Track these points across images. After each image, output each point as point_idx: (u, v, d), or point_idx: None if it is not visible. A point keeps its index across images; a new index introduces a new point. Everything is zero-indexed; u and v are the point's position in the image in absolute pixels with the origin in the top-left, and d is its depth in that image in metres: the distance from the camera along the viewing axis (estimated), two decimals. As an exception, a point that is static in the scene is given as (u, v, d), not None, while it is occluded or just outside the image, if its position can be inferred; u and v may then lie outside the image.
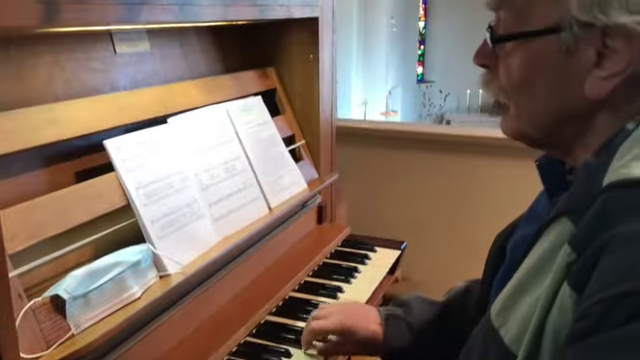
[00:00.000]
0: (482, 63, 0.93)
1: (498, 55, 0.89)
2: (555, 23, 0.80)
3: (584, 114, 0.84)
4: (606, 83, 0.79)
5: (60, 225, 1.16)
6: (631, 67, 0.77)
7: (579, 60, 0.80)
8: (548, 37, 0.81)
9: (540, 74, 0.84)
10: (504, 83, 0.89)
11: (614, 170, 0.74)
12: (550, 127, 0.88)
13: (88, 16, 1.08)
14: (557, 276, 0.74)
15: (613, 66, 0.78)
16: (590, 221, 0.72)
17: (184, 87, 1.63)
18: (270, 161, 1.81)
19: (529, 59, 0.85)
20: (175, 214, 1.41)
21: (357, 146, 3.44)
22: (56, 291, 1.10)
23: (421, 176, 3.34)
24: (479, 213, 3.30)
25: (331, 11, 2.06)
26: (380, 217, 3.40)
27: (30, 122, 1.17)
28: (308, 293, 1.72)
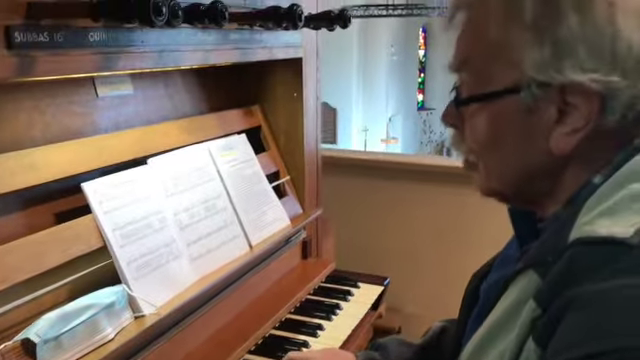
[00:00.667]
0: (450, 124, 0.95)
1: (464, 116, 0.91)
2: (514, 84, 0.82)
3: (552, 170, 0.85)
4: (569, 138, 0.81)
5: (35, 268, 1.18)
6: (592, 122, 0.79)
7: (541, 118, 0.82)
8: (509, 97, 0.83)
9: (505, 133, 0.86)
10: (471, 143, 0.91)
11: (579, 226, 0.76)
12: (519, 184, 0.90)
13: (64, 67, 1.12)
14: (522, 331, 0.76)
15: (574, 122, 0.80)
16: (555, 277, 0.74)
17: (166, 128, 1.67)
18: (253, 198, 1.84)
19: (493, 119, 0.86)
20: (152, 254, 1.43)
21: (347, 177, 3.46)
22: (27, 334, 1.12)
23: (412, 207, 3.36)
24: (471, 244, 3.30)
25: (315, 51, 2.11)
26: (371, 248, 3.41)
27: (8, 167, 1.20)
28: (288, 331, 1.73)
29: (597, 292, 0.67)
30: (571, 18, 0.76)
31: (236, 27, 1.60)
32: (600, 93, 0.77)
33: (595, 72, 0.76)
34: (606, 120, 0.78)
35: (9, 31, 1.00)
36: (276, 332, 1.73)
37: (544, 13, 0.78)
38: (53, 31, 1.08)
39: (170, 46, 1.38)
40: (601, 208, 0.75)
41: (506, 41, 0.81)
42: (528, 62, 0.79)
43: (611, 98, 0.77)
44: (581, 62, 0.76)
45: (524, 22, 0.79)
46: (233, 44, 1.61)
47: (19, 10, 1.02)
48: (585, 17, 0.76)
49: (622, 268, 0.68)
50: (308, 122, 2.10)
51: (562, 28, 0.77)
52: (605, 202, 0.76)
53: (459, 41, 0.89)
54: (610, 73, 0.76)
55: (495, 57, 0.83)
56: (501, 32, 0.81)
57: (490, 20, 0.83)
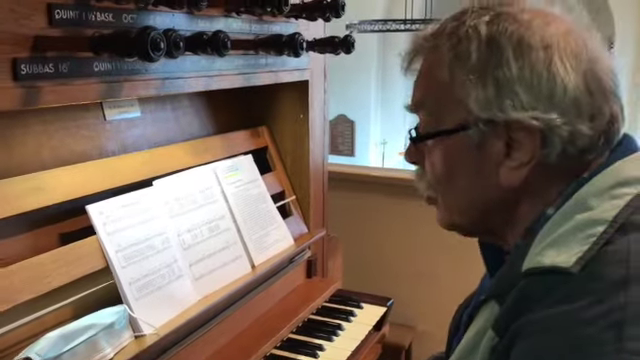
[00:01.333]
0: (412, 161, 1.03)
1: (423, 153, 0.98)
2: (463, 122, 0.89)
3: (505, 202, 0.92)
4: (517, 172, 0.88)
5: (38, 289, 1.23)
6: (536, 157, 0.86)
7: (490, 153, 0.89)
8: (459, 134, 0.90)
9: (458, 168, 0.94)
10: (430, 178, 0.98)
11: (530, 257, 0.82)
12: (476, 216, 0.96)
13: (69, 96, 1.16)
14: (482, 358, 0.82)
15: (521, 156, 0.87)
16: (509, 306, 0.81)
17: (172, 150, 1.71)
18: (257, 218, 1.87)
19: (446, 155, 0.94)
20: (154, 275, 1.47)
21: (359, 192, 3.49)
22: (28, 354, 1.16)
23: (424, 224, 3.36)
24: (482, 262, 3.30)
25: (322, 73, 2.14)
26: (382, 266, 3.42)
27: (15, 191, 1.25)
28: (289, 351, 1.76)
29: (537, 321, 0.74)
30: (511, 63, 0.84)
31: (241, 52, 1.64)
32: (540, 129, 0.84)
33: (534, 110, 0.83)
34: (549, 155, 0.86)
35: (15, 63, 1.05)
36: (277, 352, 1.75)
37: (487, 59, 0.86)
38: (58, 62, 1.12)
39: (174, 73, 1.42)
40: (549, 239, 0.82)
41: (454, 83, 0.89)
42: (473, 101, 0.87)
43: (551, 134, 0.84)
44: (521, 101, 0.84)
45: (470, 66, 0.87)
46: (237, 69, 1.65)
47: (26, 43, 1.07)
48: (524, 62, 0.84)
49: (562, 296, 0.74)
50: (314, 143, 2.13)
51: (503, 71, 0.85)
52: (553, 234, 0.82)
53: (416, 84, 0.98)
54: (548, 111, 0.83)
55: (446, 98, 0.91)
56: (450, 75, 0.89)
57: (441, 65, 0.90)
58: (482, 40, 0.87)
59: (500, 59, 0.85)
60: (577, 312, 0.71)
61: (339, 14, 1.67)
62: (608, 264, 0.74)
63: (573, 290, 0.74)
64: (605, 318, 0.69)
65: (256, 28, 1.68)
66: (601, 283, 0.72)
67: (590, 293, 0.72)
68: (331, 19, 1.78)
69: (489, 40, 0.87)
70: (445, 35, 0.91)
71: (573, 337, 0.70)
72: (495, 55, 0.86)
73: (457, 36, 0.89)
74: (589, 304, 0.71)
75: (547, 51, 0.84)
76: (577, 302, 0.72)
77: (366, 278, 3.18)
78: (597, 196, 0.82)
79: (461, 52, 0.88)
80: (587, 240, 0.77)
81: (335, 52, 1.79)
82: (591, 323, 0.69)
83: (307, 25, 1.95)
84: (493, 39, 0.86)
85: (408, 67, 0.99)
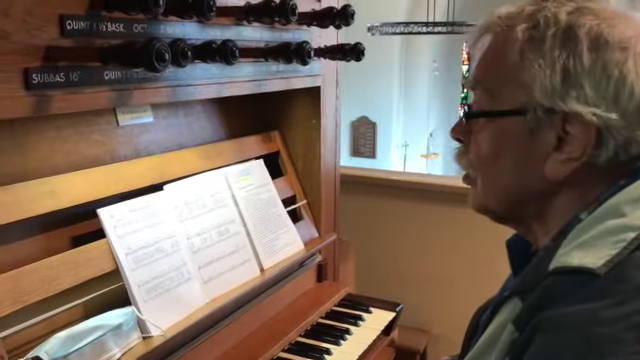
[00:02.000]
0: (457, 137, 1.02)
1: (472, 131, 0.98)
2: (521, 105, 0.89)
3: (543, 195, 0.92)
4: (563, 167, 0.87)
5: (47, 291, 1.26)
6: (586, 155, 0.85)
7: (541, 142, 0.89)
8: (514, 118, 0.90)
9: (505, 151, 0.93)
10: (473, 157, 0.98)
11: (558, 257, 0.83)
12: (511, 203, 0.96)
13: (79, 104, 1.20)
14: (501, 353, 0.84)
15: (571, 151, 0.86)
16: (531, 302, 0.81)
17: (183, 154, 1.75)
18: (267, 222, 1.89)
19: (496, 136, 0.94)
20: (163, 277, 1.50)
21: (374, 196, 3.50)
22: (37, 353, 1.20)
23: (439, 228, 3.36)
24: (497, 265, 3.28)
25: (335, 79, 2.16)
26: (397, 269, 3.43)
27: (28, 194, 1.29)
28: (296, 354, 1.78)
29: (558, 316, 0.75)
30: (584, 56, 0.83)
31: (253, 59, 1.67)
32: (598, 127, 0.83)
33: (597, 107, 0.83)
34: (600, 156, 0.85)
35: (27, 73, 1.09)
36: (284, 355, 1.78)
37: (561, 47, 0.84)
38: (69, 71, 1.16)
39: (184, 81, 1.45)
40: (579, 241, 0.82)
41: (523, 65, 0.88)
42: (537, 87, 0.86)
43: (608, 134, 0.84)
44: (585, 95, 0.83)
45: (542, 51, 0.86)
46: (248, 76, 1.67)
47: (37, 54, 1.11)
48: (597, 57, 0.83)
49: (585, 295, 0.74)
50: (326, 148, 2.16)
51: (574, 62, 0.84)
52: (583, 236, 0.82)
53: (480, 60, 0.97)
54: (610, 111, 0.83)
55: (509, 79, 0.90)
56: (520, 56, 0.88)
57: (513, 44, 0.89)
58: (560, 27, 0.86)
59: (574, 49, 0.84)
60: (598, 311, 0.72)
61: (348, 22, 1.69)
62: (635, 268, 0.75)
63: (597, 290, 0.74)
64: (626, 320, 0.69)
65: (268, 36, 1.70)
66: (625, 285, 0.73)
67: (613, 294, 0.73)
68: (342, 27, 1.80)
69: (567, 29, 0.86)
70: (523, 16, 0.91)
71: (592, 335, 0.70)
72: (570, 45, 0.85)
73: (535, 19, 0.89)
74: (611, 305, 0.72)
75: (623, 52, 0.84)
76: (599, 302, 0.73)
77: (380, 282, 3.19)
78: (631, 204, 0.82)
79: (536, 35, 0.87)
80: (617, 245, 0.78)
81: (345, 59, 1.81)
82: (611, 323, 0.70)
83: (320, 32, 1.97)
84: (571, 29, 0.85)
85: (475, 42, 0.99)
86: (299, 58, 1.52)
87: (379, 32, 7.56)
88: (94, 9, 1.19)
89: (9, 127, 1.33)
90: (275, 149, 2.12)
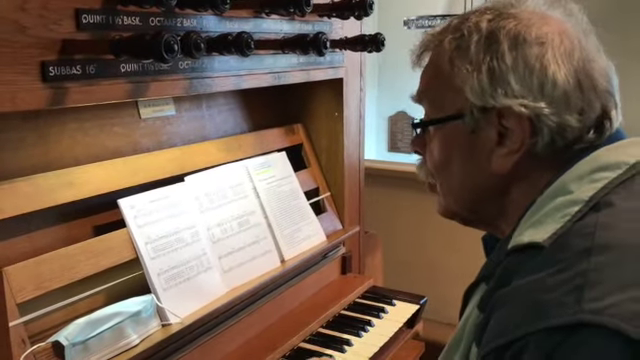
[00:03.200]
0: (415, 150, 1.10)
1: (426, 142, 1.05)
2: (459, 109, 0.96)
3: (497, 190, 0.98)
4: (507, 159, 0.93)
5: (67, 278, 1.30)
6: (525, 145, 0.91)
7: (483, 140, 0.95)
8: (455, 122, 0.97)
9: (454, 154, 1.00)
10: (430, 166, 1.05)
11: (514, 238, 0.88)
12: (471, 203, 1.03)
13: (95, 96, 1.23)
14: (468, 337, 0.88)
15: (511, 144, 0.92)
16: (491, 285, 0.87)
17: (205, 147, 1.77)
18: (288, 214, 1.91)
19: (444, 142, 1.01)
20: (182, 267, 1.53)
21: (407, 191, 3.48)
22: (57, 338, 1.24)
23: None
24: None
25: (359, 71, 2.16)
26: (432, 265, 3.41)
27: (48, 185, 1.33)
28: (317, 345, 1.79)
29: (509, 290, 0.79)
30: (506, 55, 0.90)
31: (273, 51, 1.68)
32: (529, 117, 0.89)
33: (524, 98, 0.89)
34: (538, 144, 0.91)
35: (44, 66, 1.12)
36: (305, 345, 1.78)
37: (485, 51, 0.92)
38: (85, 64, 1.19)
39: (202, 73, 1.47)
40: (531, 221, 0.87)
41: (453, 73, 0.95)
42: (469, 89, 0.93)
43: (539, 123, 0.89)
44: (512, 90, 0.90)
45: (468, 57, 0.93)
46: (268, 68, 1.68)
47: (54, 47, 1.14)
48: (517, 55, 0.90)
49: (531, 267, 0.79)
50: (349, 140, 2.15)
51: (498, 63, 0.90)
52: (535, 216, 0.87)
53: (422, 76, 1.05)
54: (537, 100, 0.89)
55: (446, 87, 0.97)
56: (450, 65, 0.96)
57: (444, 56, 0.97)
58: (482, 34, 0.93)
59: (496, 51, 0.91)
60: (542, 280, 0.76)
61: (367, 12, 1.68)
62: (575, 237, 0.79)
63: (542, 261, 0.79)
64: (567, 284, 0.73)
65: (288, 28, 1.71)
66: (567, 253, 0.77)
67: (556, 262, 0.77)
68: (362, 17, 1.79)
69: (488, 35, 0.93)
70: (450, 29, 0.99)
71: (537, 301, 0.74)
72: (492, 48, 0.92)
73: (460, 30, 0.96)
74: (554, 272, 0.76)
75: (541, 46, 0.90)
76: (544, 271, 0.77)
77: (413, 277, 3.18)
78: (577, 181, 0.87)
79: (462, 44, 0.95)
80: (562, 219, 0.82)
81: (366, 50, 1.80)
82: (554, 289, 0.74)
83: (342, 24, 1.97)
84: (492, 33, 0.93)
85: (417, 62, 1.07)
86: (315, 49, 1.52)
87: (415, 25, 7.47)
88: (109, 3, 1.22)
89: (33, 119, 1.38)
90: (298, 142, 2.12)
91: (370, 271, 2.47)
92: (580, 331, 0.69)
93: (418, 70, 1.07)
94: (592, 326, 0.68)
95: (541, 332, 0.70)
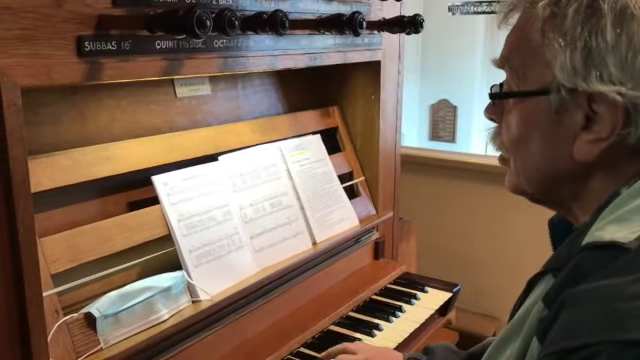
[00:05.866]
0: (490, 117, 1.00)
1: (503, 111, 0.96)
2: (545, 85, 0.85)
3: (577, 175, 0.88)
4: (593, 147, 0.83)
5: (101, 251, 1.33)
6: (615, 135, 0.81)
7: (568, 122, 0.85)
8: (539, 97, 0.87)
9: (533, 132, 0.90)
10: (505, 138, 0.96)
11: (592, 232, 0.80)
12: (544, 185, 0.93)
13: (130, 72, 1.24)
14: (529, 330, 0.82)
15: (599, 131, 0.82)
16: (561, 279, 0.79)
17: (240, 127, 1.77)
18: (321, 197, 1.90)
19: (524, 117, 0.91)
20: (214, 245, 1.54)
21: (446, 179, 3.43)
22: (89, 309, 1.27)
23: (516, 213, 3.25)
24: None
25: (397, 54, 2.12)
26: (471, 255, 3.36)
27: (86, 160, 1.36)
28: (347, 328, 1.79)
29: (583, 291, 0.72)
30: (608, 31, 0.79)
31: (309, 32, 1.66)
32: (625, 106, 0.79)
33: (622, 85, 0.78)
34: (630, 135, 0.80)
35: (80, 41, 1.14)
36: (334, 328, 1.78)
37: (583, 23, 0.80)
38: (121, 40, 1.20)
39: (237, 52, 1.47)
40: (613, 216, 0.79)
41: (544, 44, 0.85)
42: (558, 67, 0.83)
43: (636, 113, 0.79)
44: (609, 74, 0.79)
45: (563, 29, 0.82)
46: (303, 49, 1.67)
47: (90, 22, 1.15)
48: (622, 32, 0.78)
49: (612, 270, 0.71)
50: (385, 125, 2.13)
51: (597, 39, 0.79)
52: (619, 210, 0.79)
53: (507, 39, 0.94)
54: (637, 88, 0.78)
55: (533, 58, 0.87)
56: (541, 35, 0.85)
57: (535, 23, 0.86)
58: (582, 3, 0.82)
59: (597, 26, 0.80)
60: (624, 286, 0.69)
61: (405, -8, 1.65)
62: None
63: (625, 265, 0.71)
64: None
65: (325, 8, 1.69)
66: None
67: None
68: (400, -2, 1.76)
69: (590, 4, 0.81)
70: None
71: (614, 310, 0.67)
72: (592, 20, 0.80)
73: None
74: (636, 280, 0.68)
75: None
76: (626, 277, 0.69)
77: (448, 266, 3.14)
78: None
79: (558, 12, 0.84)
80: None
81: (404, 31, 1.77)
82: (634, 299, 0.67)
83: (381, 5, 1.94)
84: (595, 2, 0.81)
85: (503, 21, 0.96)
86: (351, 29, 1.50)
87: (460, 11, 7.32)
88: (145, -21, 1.22)
89: (70, 95, 1.41)
90: (333, 124, 2.11)
91: (403, 258, 2.45)
92: None
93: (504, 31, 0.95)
94: None
95: (614, 344, 0.64)
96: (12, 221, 1.05)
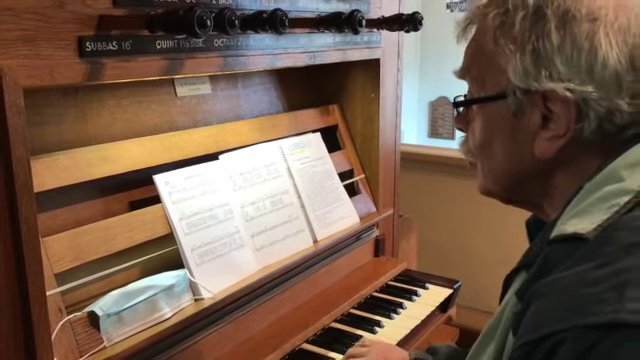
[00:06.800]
0: (459, 127, 1.06)
1: (469, 120, 1.01)
2: (502, 89, 0.91)
3: (541, 173, 0.93)
4: (552, 144, 0.88)
5: (104, 250, 1.34)
6: (571, 130, 0.85)
7: (527, 122, 0.90)
8: (498, 102, 0.92)
9: (495, 135, 0.96)
10: (471, 144, 1.02)
11: (557, 227, 0.83)
12: (511, 185, 0.98)
13: (131, 72, 1.24)
14: (505, 326, 0.85)
15: (556, 128, 0.87)
16: (531, 274, 0.83)
17: (240, 126, 1.78)
18: (321, 195, 1.91)
19: (486, 122, 0.96)
20: (216, 243, 1.55)
21: (446, 177, 3.44)
22: (93, 308, 1.28)
23: (517, 211, 3.26)
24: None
25: (396, 52, 2.13)
26: (471, 252, 3.37)
27: (85, 159, 1.36)
28: (348, 325, 1.79)
29: (548, 283, 0.75)
30: (552, 34, 0.84)
31: (308, 31, 1.67)
32: (575, 101, 0.83)
33: (570, 82, 0.83)
34: (585, 129, 0.85)
35: (81, 41, 1.14)
36: (336, 325, 1.79)
37: (530, 29, 0.86)
38: (122, 40, 1.20)
39: (237, 51, 1.47)
40: (576, 209, 0.82)
41: (497, 51, 0.90)
42: (511, 70, 0.88)
43: (586, 107, 0.83)
44: (558, 72, 0.84)
45: (512, 35, 0.88)
46: (303, 47, 1.68)
47: (91, 22, 1.16)
48: (565, 33, 0.83)
49: (575, 260, 0.75)
50: (386, 123, 2.13)
51: (544, 42, 0.85)
52: (582, 204, 0.82)
53: (466, 51, 0.99)
54: (584, 84, 0.83)
55: (489, 65, 0.93)
56: (494, 43, 0.91)
57: (487, 32, 0.92)
58: (529, 11, 0.87)
59: (542, 30, 0.85)
60: (583, 273, 0.71)
61: (404, -9, 1.65)
62: (622, 230, 0.74)
63: (585, 254, 0.74)
64: (609, 280, 0.68)
65: (323, 6, 1.70)
66: (611, 247, 0.72)
67: (599, 256, 0.72)
68: (399, -4, 1.77)
69: (535, 11, 0.87)
70: (495, 3, 0.93)
71: (576, 296, 0.70)
72: (538, 25, 0.86)
73: (505, 4, 0.91)
74: (596, 266, 0.71)
75: (592, 23, 0.83)
76: (586, 264, 0.72)
77: (448, 263, 3.15)
78: (629, 168, 0.81)
79: (506, 21, 0.89)
80: (610, 209, 0.77)
81: (403, 29, 1.78)
82: (595, 284, 0.69)
83: (380, 3, 1.95)
84: (539, 9, 0.86)
85: (462, 35, 1.01)
86: (350, 27, 1.51)
87: (458, 8, 7.33)
88: (145, -21, 1.23)
89: (72, 95, 1.41)
90: (333, 123, 2.12)
91: (404, 255, 2.46)
92: (618, 331, 0.64)
93: (463, 44, 1.01)
94: (632, 327, 0.64)
95: (578, 329, 0.67)
96: (15, 221, 1.05)
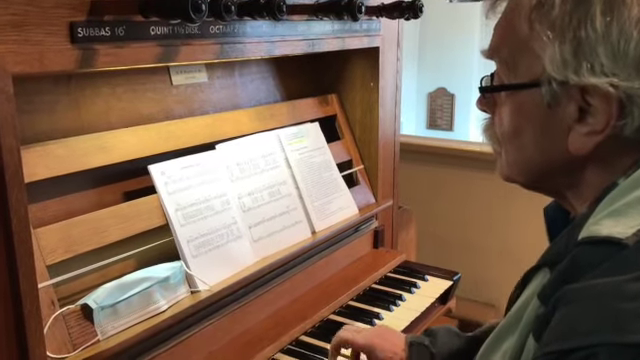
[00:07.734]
0: (482, 108, 0.97)
1: (496, 103, 0.93)
2: (536, 78, 0.82)
3: (571, 167, 0.85)
4: (588, 140, 0.80)
5: (97, 242, 1.31)
6: (610, 127, 0.77)
7: (561, 114, 0.81)
8: (531, 90, 0.83)
9: (526, 125, 0.87)
10: (498, 131, 0.93)
11: (587, 226, 0.76)
12: (538, 177, 0.90)
13: (124, 59, 1.21)
14: (525, 327, 0.79)
15: (594, 123, 0.78)
16: (557, 275, 0.76)
17: (237, 115, 1.75)
18: (320, 186, 1.88)
19: (516, 110, 0.87)
20: (212, 234, 1.52)
21: (445, 168, 3.42)
22: (86, 300, 1.25)
23: (515, 201, 3.24)
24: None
25: (396, 40, 2.10)
26: (471, 243, 3.36)
27: (80, 148, 1.33)
28: (347, 317, 1.77)
29: (580, 289, 0.69)
30: (597, 20, 0.75)
31: (307, 18, 1.64)
32: (619, 98, 0.75)
33: (615, 76, 0.74)
34: (626, 126, 0.77)
35: (73, 27, 1.11)
36: (334, 317, 1.77)
37: (571, 13, 0.77)
38: (114, 26, 1.17)
39: (233, 38, 1.44)
40: (610, 209, 0.75)
41: (532, 36, 0.81)
42: (547, 59, 0.79)
43: (630, 104, 0.75)
44: (601, 64, 0.75)
45: (550, 20, 0.78)
46: (301, 35, 1.64)
47: (83, 8, 1.12)
48: (612, 19, 0.74)
49: (610, 267, 0.69)
50: (385, 113, 2.10)
51: (586, 29, 0.75)
52: (616, 203, 0.76)
53: (495, 29, 0.90)
54: (631, 78, 0.74)
55: (522, 50, 0.84)
56: (529, 26, 0.81)
57: (522, 13, 0.83)
58: None
59: (585, 14, 0.76)
60: (622, 284, 0.66)
61: (405, -23, 1.62)
62: None
63: (622, 262, 0.68)
64: None
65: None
66: None
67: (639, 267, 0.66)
68: (399, -17, 1.73)
69: None
70: None
71: (612, 309, 0.65)
72: (581, 9, 0.76)
73: None
74: (635, 278, 0.65)
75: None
76: (624, 275, 0.66)
77: (448, 255, 3.13)
78: None
79: (544, 1, 0.80)
80: None
81: (403, 17, 1.75)
82: (634, 298, 0.64)
83: (380, -9, 1.91)
84: None
85: (490, 9, 0.91)
86: (349, 13, 1.48)
87: (457, -1, 7.29)
88: (139, -37, 1.19)
89: (64, 83, 1.38)
90: (332, 112, 2.09)
91: (403, 246, 2.44)
92: None
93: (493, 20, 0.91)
94: None
95: (615, 346, 0.62)
96: (6, 212, 1.02)
